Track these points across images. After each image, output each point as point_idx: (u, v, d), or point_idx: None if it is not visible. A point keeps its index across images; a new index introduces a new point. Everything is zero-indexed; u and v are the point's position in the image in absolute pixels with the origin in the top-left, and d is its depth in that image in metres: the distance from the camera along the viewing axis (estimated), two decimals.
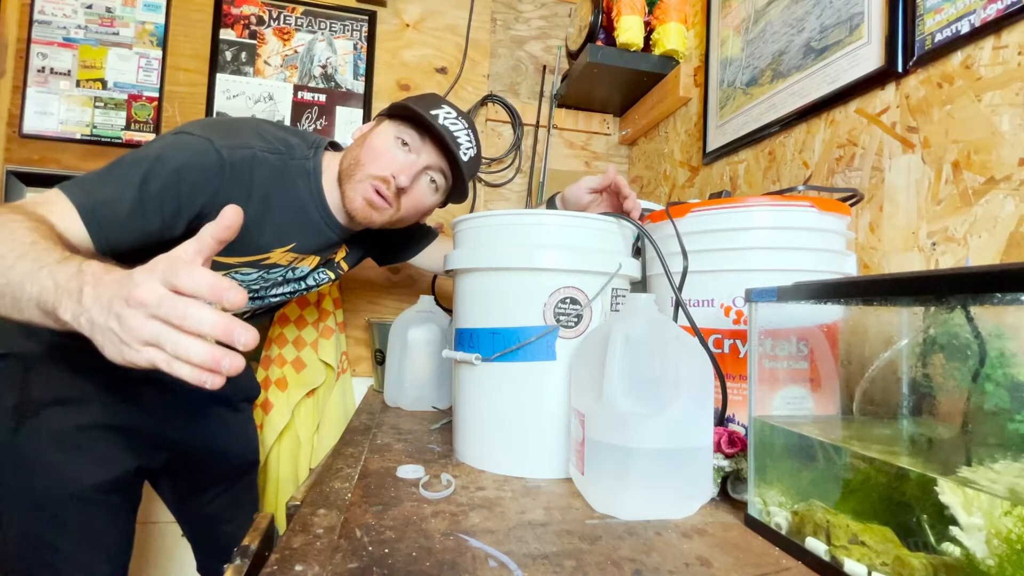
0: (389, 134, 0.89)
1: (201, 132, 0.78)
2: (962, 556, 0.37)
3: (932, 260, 0.75)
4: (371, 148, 0.88)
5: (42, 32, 1.41)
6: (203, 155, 0.75)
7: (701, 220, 0.73)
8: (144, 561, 1.41)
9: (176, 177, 0.73)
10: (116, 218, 0.70)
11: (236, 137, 0.80)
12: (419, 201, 0.93)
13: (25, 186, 1.38)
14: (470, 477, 0.67)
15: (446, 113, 0.89)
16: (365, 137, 0.90)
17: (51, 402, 0.84)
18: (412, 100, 0.90)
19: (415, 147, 0.89)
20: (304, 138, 0.92)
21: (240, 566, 0.64)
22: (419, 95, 0.94)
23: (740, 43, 1.18)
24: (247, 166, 0.80)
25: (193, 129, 0.78)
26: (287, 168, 0.87)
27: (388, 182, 0.87)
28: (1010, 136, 0.66)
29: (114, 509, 0.89)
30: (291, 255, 0.92)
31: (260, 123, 0.88)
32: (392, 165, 0.87)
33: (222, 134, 0.79)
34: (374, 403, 1.12)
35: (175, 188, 0.74)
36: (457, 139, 0.88)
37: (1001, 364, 0.41)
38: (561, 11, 1.78)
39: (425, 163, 0.89)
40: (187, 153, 0.75)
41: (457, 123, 0.89)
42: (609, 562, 0.45)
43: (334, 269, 1.07)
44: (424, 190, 0.92)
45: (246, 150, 0.80)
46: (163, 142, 0.76)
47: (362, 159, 0.88)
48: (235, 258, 0.86)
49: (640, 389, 0.56)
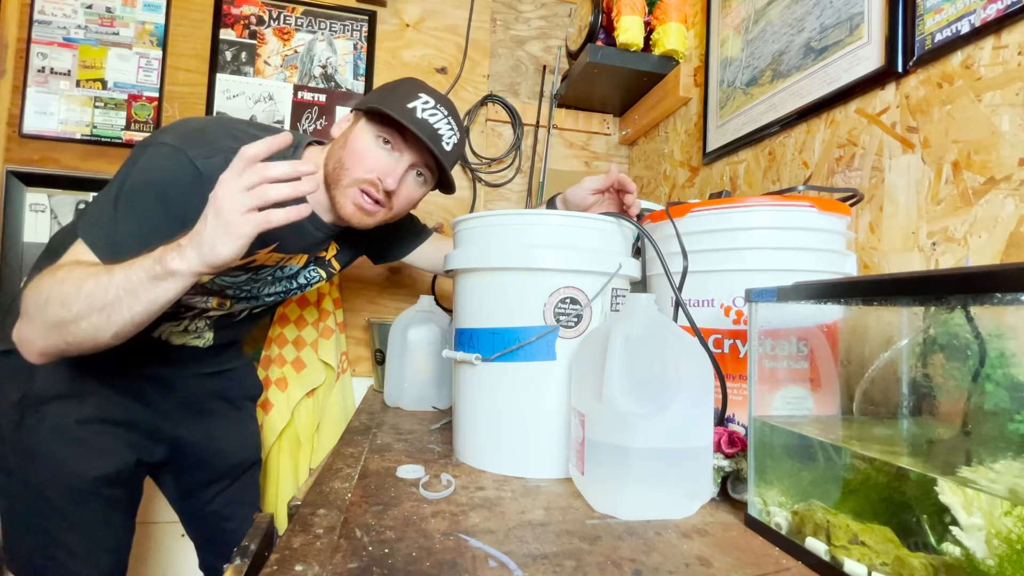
0: (370, 134, 0.86)
1: (177, 142, 0.77)
2: (962, 556, 0.37)
3: (932, 260, 0.75)
4: (354, 151, 0.86)
5: (42, 32, 1.41)
6: (181, 170, 0.76)
7: (701, 220, 0.73)
8: (144, 560, 1.41)
9: (164, 199, 0.75)
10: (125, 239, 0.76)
11: (210, 144, 0.78)
12: (409, 197, 0.92)
13: (25, 186, 1.38)
14: (470, 477, 0.67)
15: (423, 103, 0.86)
16: (346, 137, 0.88)
17: (53, 396, 0.86)
18: (387, 94, 0.87)
19: (397, 145, 0.87)
20: None
21: (240, 566, 0.64)
22: (394, 83, 0.91)
23: (740, 43, 1.18)
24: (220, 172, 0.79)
25: (169, 139, 0.77)
26: None
27: (376, 185, 0.86)
28: (1010, 136, 0.66)
29: (114, 502, 0.90)
30: (276, 255, 0.91)
31: (235, 124, 0.86)
32: (377, 167, 0.86)
33: (196, 142, 0.78)
34: (374, 403, 1.12)
35: (166, 208, 0.75)
36: (438, 131, 0.86)
37: (1001, 364, 0.41)
38: (561, 11, 1.78)
39: (409, 161, 0.87)
40: (167, 172, 0.76)
41: (436, 112, 0.87)
42: (609, 562, 0.45)
43: (325, 268, 1.06)
44: (412, 186, 0.91)
45: (219, 156, 0.77)
46: (144, 163, 0.76)
47: (346, 162, 0.86)
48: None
49: (640, 389, 0.56)
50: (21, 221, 1.38)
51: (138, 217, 0.74)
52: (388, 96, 0.87)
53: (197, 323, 0.97)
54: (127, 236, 0.73)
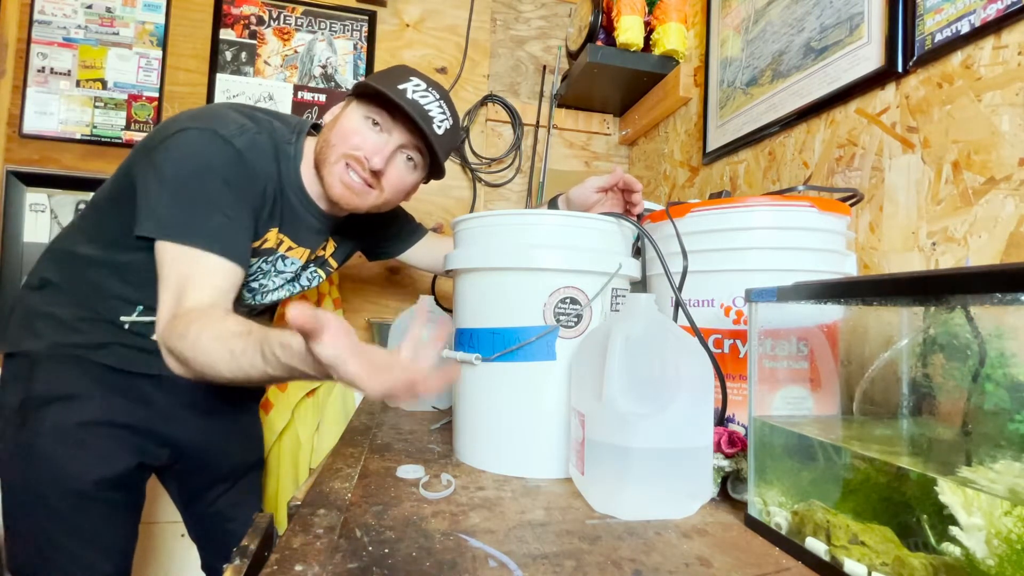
0: (358, 114, 0.85)
1: (202, 124, 0.78)
2: (962, 556, 0.37)
3: (932, 260, 0.75)
4: (341, 130, 0.85)
5: (42, 32, 1.41)
6: (224, 150, 0.77)
7: (701, 220, 0.73)
8: (146, 560, 1.41)
9: (225, 181, 0.76)
10: (241, 240, 0.78)
11: (231, 123, 0.80)
12: (400, 181, 0.90)
13: (25, 186, 1.38)
14: (470, 477, 0.67)
15: (414, 86, 0.84)
16: (336, 120, 0.87)
17: (55, 399, 0.85)
18: (378, 76, 0.87)
19: (386, 126, 0.85)
20: (286, 122, 0.91)
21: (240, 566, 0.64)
22: (387, 69, 0.90)
23: (740, 43, 1.18)
24: (250, 148, 0.81)
25: (192, 123, 0.78)
26: (274, 149, 0.86)
27: (362, 162, 0.84)
28: (1010, 136, 0.66)
29: (116, 506, 0.89)
30: (281, 236, 0.91)
31: (243, 107, 0.87)
32: (364, 145, 0.84)
33: (217, 122, 0.79)
34: (374, 403, 1.12)
35: (228, 188, 0.77)
36: (428, 112, 0.84)
37: (1001, 364, 0.41)
38: (561, 11, 1.78)
39: (398, 142, 0.86)
40: (216, 155, 0.77)
41: (427, 95, 0.85)
42: (609, 562, 0.45)
43: (324, 267, 1.06)
44: (402, 169, 0.89)
45: (247, 134, 0.80)
46: (183, 147, 0.76)
47: (332, 140, 0.85)
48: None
49: (640, 389, 0.56)
50: (21, 221, 1.38)
51: (214, 202, 0.75)
52: (379, 78, 0.85)
53: None
54: (217, 226, 0.74)
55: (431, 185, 1.69)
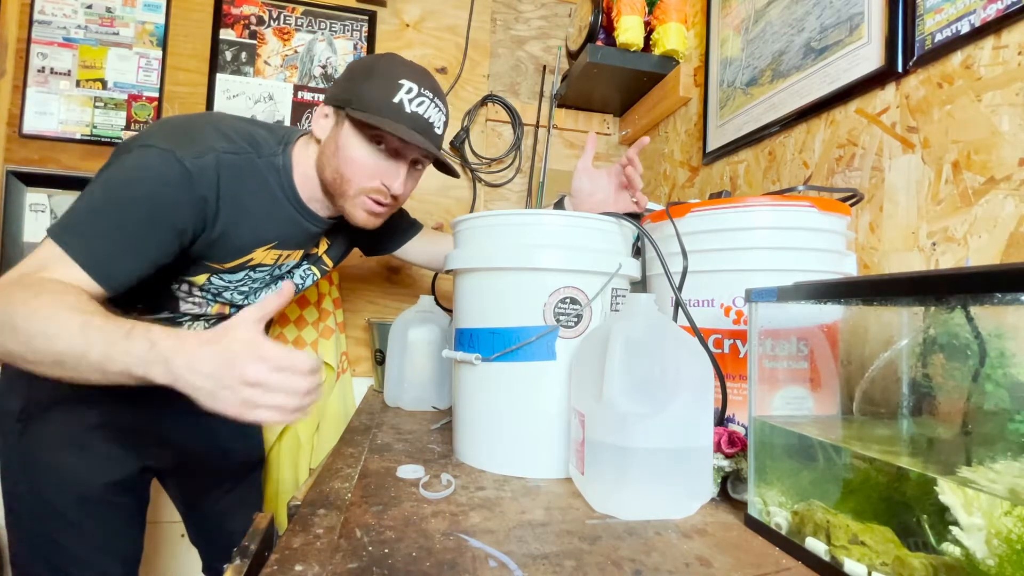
0: (360, 139, 0.82)
1: (164, 144, 0.73)
2: (962, 556, 0.37)
3: (932, 260, 0.75)
4: (351, 161, 0.82)
5: (42, 32, 1.41)
6: (168, 173, 0.72)
7: (701, 220, 0.73)
8: (146, 560, 1.40)
9: (152, 207, 0.71)
10: (122, 269, 0.71)
11: (199, 142, 0.76)
12: (413, 189, 0.93)
13: (25, 186, 1.38)
14: (470, 477, 0.67)
15: (407, 93, 0.81)
16: (336, 142, 0.83)
17: (56, 404, 0.85)
18: (365, 83, 0.82)
19: (391, 142, 0.83)
20: (272, 132, 0.88)
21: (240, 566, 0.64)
22: (368, 66, 0.85)
23: (740, 43, 1.18)
24: (211, 171, 0.76)
25: (155, 140, 0.74)
26: (254, 166, 0.82)
27: (383, 192, 0.85)
28: (1010, 136, 0.66)
29: (121, 510, 0.89)
30: (275, 252, 0.90)
31: (223, 120, 0.83)
32: (379, 174, 0.84)
33: (184, 141, 0.75)
34: (374, 403, 1.12)
35: (159, 218, 0.72)
36: (429, 120, 0.83)
37: (1001, 364, 0.41)
38: (561, 11, 1.78)
39: (409, 160, 0.86)
40: (156, 181, 0.72)
41: (423, 99, 0.82)
42: (609, 562, 0.45)
43: (318, 265, 1.05)
44: (414, 179, 0.91)
45: (209, 155, 0.75)
46: (131, 165, 0.72)
47: (346, 173, 0.83)
48: (219, 264, 0.84)
49: (640, 389, 0.56)
50: (21, 221, 1.38)
51: (127, 228, 0.70)
52: (368, 89, 0.81)
53: (195, 326, 0.97)
54: (116, 251, 0.70)
55: (431, 185, 1.69)
